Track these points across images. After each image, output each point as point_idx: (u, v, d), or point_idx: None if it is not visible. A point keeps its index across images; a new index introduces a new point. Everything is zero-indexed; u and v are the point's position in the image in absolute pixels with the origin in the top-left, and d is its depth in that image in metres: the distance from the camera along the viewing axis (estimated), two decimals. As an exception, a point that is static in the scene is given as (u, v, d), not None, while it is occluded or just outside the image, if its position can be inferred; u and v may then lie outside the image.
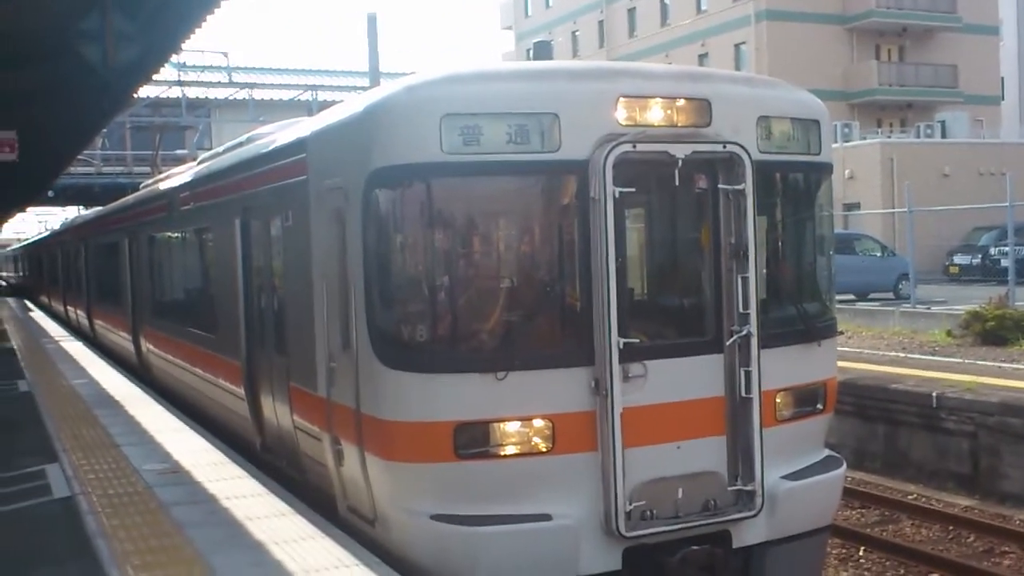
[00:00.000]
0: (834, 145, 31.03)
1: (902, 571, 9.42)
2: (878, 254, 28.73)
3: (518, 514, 5.73)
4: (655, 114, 6.03)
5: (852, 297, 26.01)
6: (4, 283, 64.45)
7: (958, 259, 32.29)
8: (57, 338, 20.74)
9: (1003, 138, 45.96)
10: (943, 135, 41.91)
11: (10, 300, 41.04)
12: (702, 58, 49.52)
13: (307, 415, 7.22)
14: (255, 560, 5.49)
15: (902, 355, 15.86)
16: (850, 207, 35.60)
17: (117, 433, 9.38)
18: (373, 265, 5.94)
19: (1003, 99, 54.83)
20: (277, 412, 8.01)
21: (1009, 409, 11.24)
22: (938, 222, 30.15)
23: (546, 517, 5.75)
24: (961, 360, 14.85)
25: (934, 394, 12.10)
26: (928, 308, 21.90)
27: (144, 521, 6.35)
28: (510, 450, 5.76)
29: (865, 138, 41.31)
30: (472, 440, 5.69)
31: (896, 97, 49.05)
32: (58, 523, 6.49)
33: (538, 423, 5.76)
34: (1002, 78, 54.74)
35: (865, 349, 16.77)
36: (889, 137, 43.43)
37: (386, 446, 5.90)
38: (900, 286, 26.66)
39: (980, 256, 31.39)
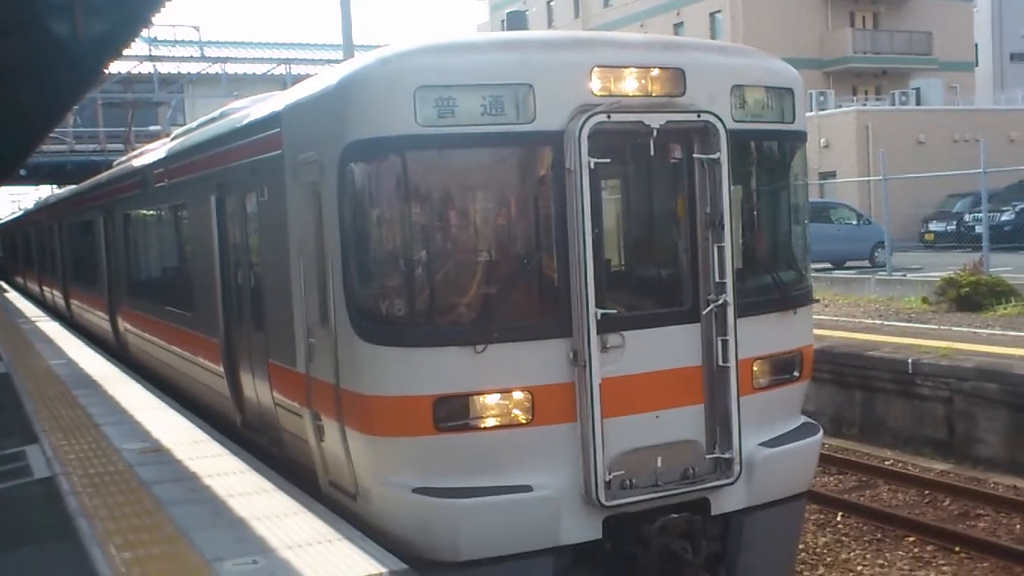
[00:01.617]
0: (809, 113, 31.09)
1: (879, 535, 9.56)
2: (854, 222, 28.89)
3: (499, 485, 5.76)
4: (629, 84, 6.02)
5: (828, 265, 26.15)
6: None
7: (933, 226, 32.54)
8: (33, 319, 20.57)
9: (977, 104, 46.24)
10: (918, 102, 42.09)
11: (-16, 281, 40.64)
12: (677, 27, 49.40)
13: (287, 391, 7.22)
14: (238, 536, 5.49)
15: (878, 322, 16.01)
16: (826, 176, 35.76)
17: (96, 413, 9.33)
18: (350, 239, 5.92)
19: (977, 65, 55.08)
20: (257, 389, 8.00)
21: (984, 374, 11.38)
22: (913, 189, 30.34)
23: (526, 488, 5.79)
24: (936, 326, 15.01)
25: (910, 360, 12.23)
26: (904, 275, 22.09)
27: (126, 500, 6.33)
28: (490, 422, 5.79)
29: (840, 106, 41.43)
30: (452, 413, 5.71)
31: (871, 65, 49.17)
32: (39, 504, 6.47)
33: (517, 395, 5.79)
34: (976, 44, 54.96)
35: (841, 317, 16.91)
36: (864, 105, 43.57)
37: (366, 420, 5.91)
38: (876, 254, 26.85)
39: (955, 223, 31.62)
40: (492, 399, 5.78)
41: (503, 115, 5.72)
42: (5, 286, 35.85)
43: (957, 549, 9.00)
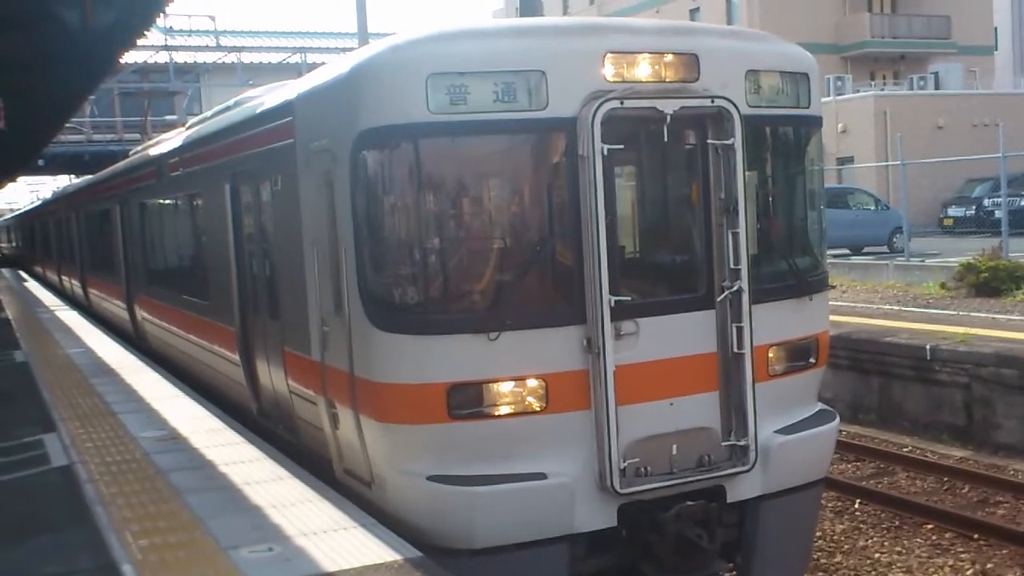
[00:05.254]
0: (827, 99, 30.79)
1: (897, 522, 9.51)
2: (872, 208, 28.70)
3: (513, 473, 5.76)
4: (643, 70, 5.97)
5: (846, 251, 26.02)
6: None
7: (952, 211, 32.27)
8: (52, 308, 20.72)
9: (996, 89, 45.79)
10: (936, 87, 41.70)
11: (4, 271, 40.97)
12: (693, 12, 49.13)
13: (302, 379, 7.24)
14: (253, 524, 5.52)
15: (896, 308, 15.91)
16: (843, 161, 35.51)
17: (114, 401, 9.40)
18: (362, 227, 5.92)
19: (996, 49, 54.50)
20: (272, 377, 8.03)
21: (1003, 360, 11.30)
22: (932, 174, 30.10)
23: (541, 476, 5.78)
24: (955, 312, 14.91)
25: (928, 347, 12.15)
26: (922, 261, 21.94)
27: (142, 488, 6.38)
28: (504, 410, 5.78)
29: (858, 91, 41.12)
30: (466, 401, 5.70)
31: (889, 49, 48.74)
32: (57, 491, 6.52)
33: (531, 383, 5.78)
34: (995, 28, 54.39)
35: (859, 303, 16.82)
36: (882, 90, 43.22)
37: (380, 408, 5.91)
38: (894, 239, 26.67)
39: (974, 208, 31.36)
40: (506, 387, 5.77)
41: (516, 102, 5.69)
42: (24, 275, 36.10)
43: (976, 536, 8.94)
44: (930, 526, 9.31)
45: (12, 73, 11.95)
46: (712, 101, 6.01)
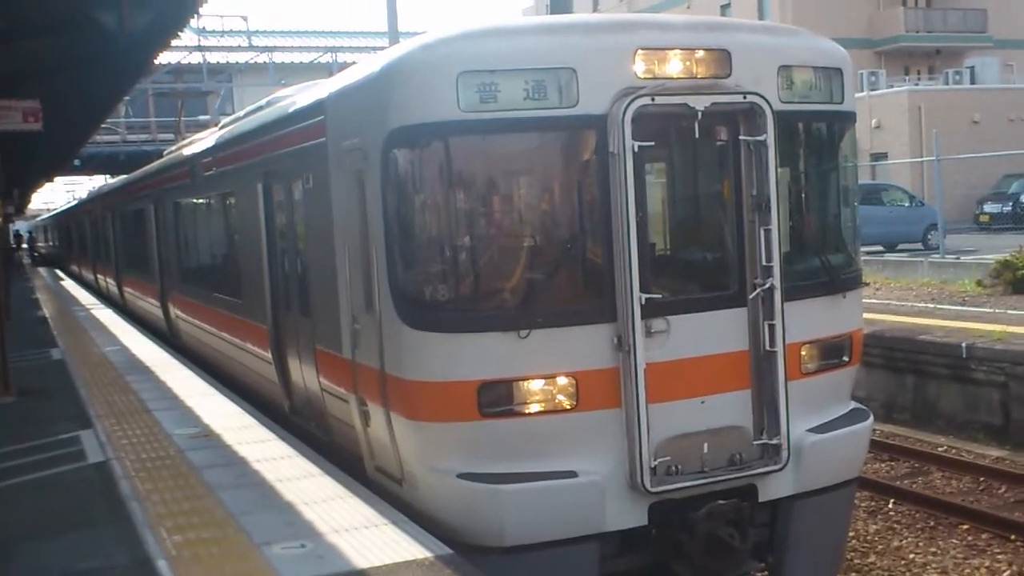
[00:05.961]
0: (860, 94, 30.50)
1: (932, 523, 9.40)
2: (906, 204, 28.42)
3: (544, 471, 5.75)
4: (674, 66, 5.95)
5: (880, 248, 25.77)
6: (36, 254, 65.22)
7: (988, 207, 31.88)
8: (88, 306, 20.99)
9: (1034, 83, 45.08)
10: (972, 81, 41.20)
11: (42, 270, 41.54)
12: (724, 8, 48.80)
13: (333, 377, 7.28)
14: (286, 520, 5.57)
15: (931, 306, 15.72)
16: (878, 157, 35.17)
17: (149, 399, 9.52)
18: (393, 226, 5.94)
19: (1034, 43, 53.68)
20: (304, 375, 8.08)
21: (1040, 358, 11.12)
22: (968, 170, 29.71)
23: (572, 474, 5.77)
24: (991, 310, 14.69)
25: (964, 345, 12.00)
26: (958, 258, 21.66)
27: (176, 484, 6.45)
28: (534, 408, 5.78)
29: (892, 86, 40.68)
30: (496, 399, 5.70)
31: (923, 43, 48.18)
32: (93, 487, 6.61)
33: (562, 380, 5.77)
34: (1033, 21, 53.56)
35: (893, 301, 16.64)
36: (917, 85, 42.73)
37: (411, 406, 5.93)
38: (929, 236, 26.38)
39: (1011, 204, 30.97)
40: (536, 384, 5.77)
41: (546, 99, 5.68)
42: (61, 274, 36.57)
43: (1013, 537, 8.82)
44: (966, 527, 9.20)
45: (50, 75, 12.11)
46: (744, 97, 5.97)
